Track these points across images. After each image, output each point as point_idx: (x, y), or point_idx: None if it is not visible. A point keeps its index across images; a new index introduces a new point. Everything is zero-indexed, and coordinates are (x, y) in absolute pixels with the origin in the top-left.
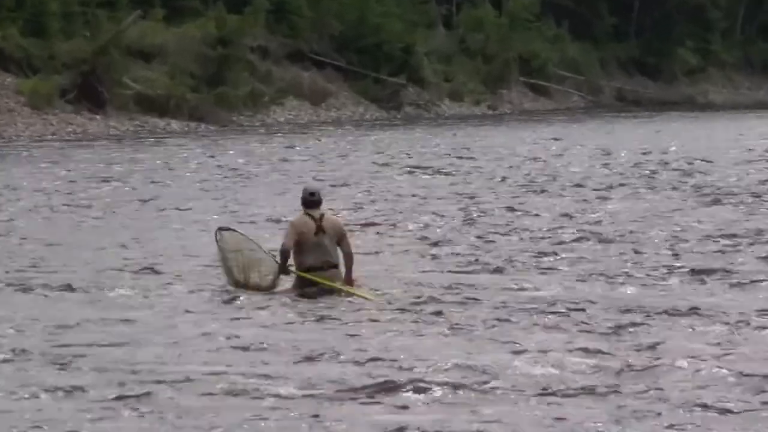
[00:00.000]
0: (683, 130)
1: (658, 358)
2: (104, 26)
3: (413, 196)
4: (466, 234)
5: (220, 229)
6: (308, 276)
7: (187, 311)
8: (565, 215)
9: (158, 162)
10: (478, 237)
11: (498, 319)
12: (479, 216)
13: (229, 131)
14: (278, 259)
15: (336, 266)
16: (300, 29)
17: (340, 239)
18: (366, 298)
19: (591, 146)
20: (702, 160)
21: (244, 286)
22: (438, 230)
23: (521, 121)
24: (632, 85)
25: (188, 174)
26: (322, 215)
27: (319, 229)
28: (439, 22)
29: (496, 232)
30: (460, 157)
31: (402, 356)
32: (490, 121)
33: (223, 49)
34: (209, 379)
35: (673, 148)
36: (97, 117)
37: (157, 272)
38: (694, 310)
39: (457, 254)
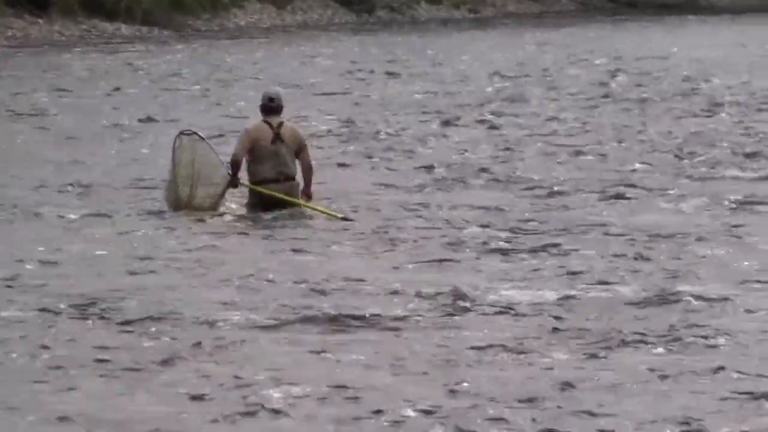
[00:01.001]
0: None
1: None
2: None
3: (380, 106)
4: (432, 148)
5: (182, 133)
6: (261, 189)
7: (120, 234)
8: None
9: (106, 70)
10: (446, 150)
11: (458, 242)
12: (449, 127)
13: (184, 37)
14: (229, 170)
15: (293, 178)
16: None
17: (300, 150)
18: (326, 214)
19: (580, 53)
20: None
21: (186, 206)
22: (402, 141)
23: (506, 26)
24: None
25: (144, 83)
26: (281, 123)
27: (277, 138)
28: None
29: (464, 147)
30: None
31: (359, 283)
32: (470, 25)
33: None
34: (141, 308)
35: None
36: (40, 21)
37: (94, 192)
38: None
39: (424, 169)
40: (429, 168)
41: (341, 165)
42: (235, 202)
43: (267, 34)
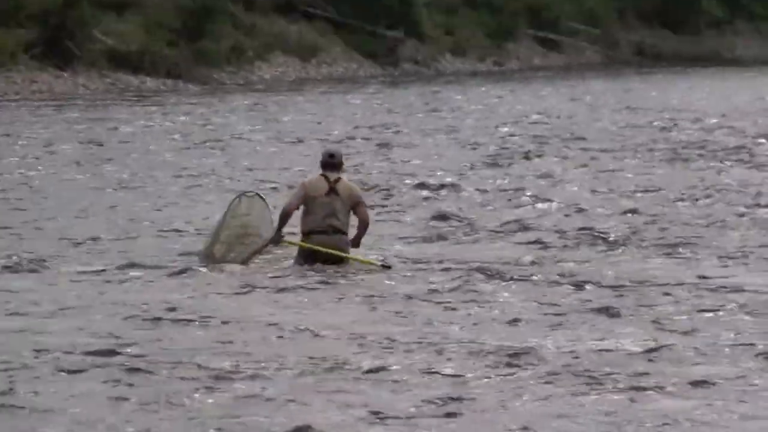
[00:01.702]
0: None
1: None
2: None
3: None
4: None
5: (244, 194)
6: (303, 244)
7: (151, 285)
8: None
9: (136, 123)
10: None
11: (509, 295)
12: (488, 184)
13: (210, 90)
14: (275, 225)
15: (343, 232)
16: None
17: (355, 205)
18: (366, 263)
19: (606, 103)
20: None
21: (217, 261)
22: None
23: (531, 78)
24: (652, 38)
25: (175, 136)
26: (338, 178)
27: (332, 191)
28: None
29: (508, 201)
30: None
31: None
32: (495, 77)
33: None
34: (170, 356)
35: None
36: (65, 74)
37: (127, 245)
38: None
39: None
40: (458, 218)
41: (378, 213)
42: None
43: (298, 86)
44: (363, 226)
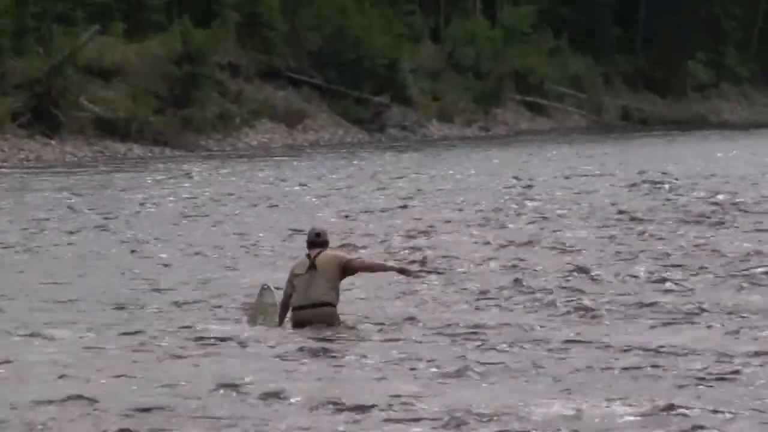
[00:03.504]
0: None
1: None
2: (60, 43)
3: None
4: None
5: (264, 288)
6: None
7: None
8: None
9: (119, 191)
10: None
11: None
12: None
13: (196, 156)
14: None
15: (327, 305)
16: (274, 44)
17: (344, 269)
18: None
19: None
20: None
21: None
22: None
23: (519, 142)
24: (638, 102)
25: (170, 203)
26: (319, 252)
27: (312, 266)
28: (426, 36)
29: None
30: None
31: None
32: (482, 142)
33: (189, 66)
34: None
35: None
36: (52, 142)
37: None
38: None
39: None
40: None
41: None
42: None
43: (280, 153)
44: (373, 267)
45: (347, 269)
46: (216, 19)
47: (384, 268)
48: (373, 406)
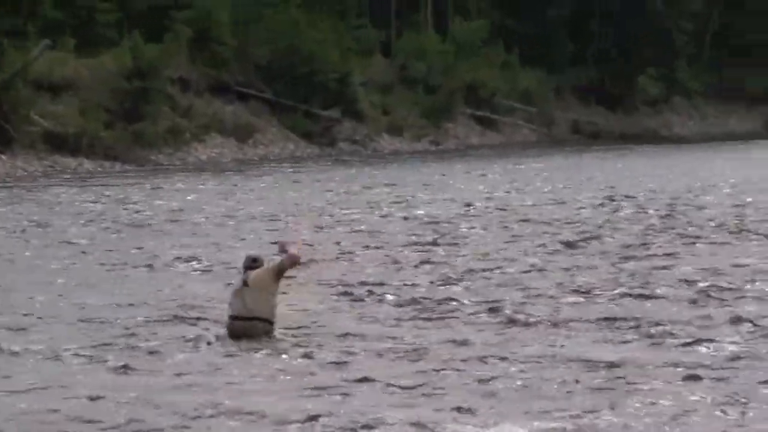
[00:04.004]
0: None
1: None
2: (10, 57)
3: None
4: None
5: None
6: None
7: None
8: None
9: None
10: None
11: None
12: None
13: (148, 171)
14: None
15: (255, 319)
16: (224, 59)
17: (269, 281)
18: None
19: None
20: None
21: None
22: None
23: (470, 157)
24: (589, 116)
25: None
26: (249, 272)
27: (244, 284)
28: (377, 50)
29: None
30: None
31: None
32: (432, 157)
33: (139, 81)
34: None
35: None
36: (3, 157)
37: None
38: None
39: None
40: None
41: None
42: None
43: (231, 168)
44: (288, 262)
45: (278, 276)
46: (167, 34)
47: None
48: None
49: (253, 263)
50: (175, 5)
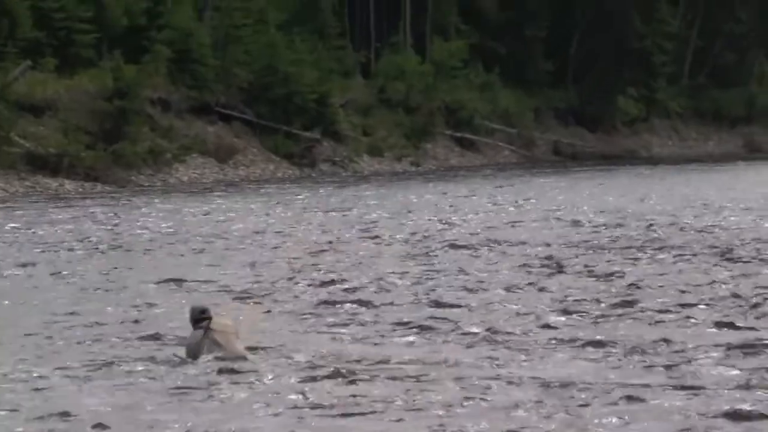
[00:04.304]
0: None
1: None
2: None
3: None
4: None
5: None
6: None
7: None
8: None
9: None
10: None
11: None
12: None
13: (127, 192)
14: None
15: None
16: (204, 79)
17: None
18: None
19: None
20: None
21: None
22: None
23: (448, 178)
24: (569, 136)
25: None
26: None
27: (206, 331)
28: (356, 71)
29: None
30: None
31: None
32: (412, 178)
33: (120, 102)
34: None
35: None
36: None
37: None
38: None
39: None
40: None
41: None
42: None
43: (210, 189)
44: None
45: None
46: (146, 54)
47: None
48: None
49: (201, 314)
50: (154, 26)
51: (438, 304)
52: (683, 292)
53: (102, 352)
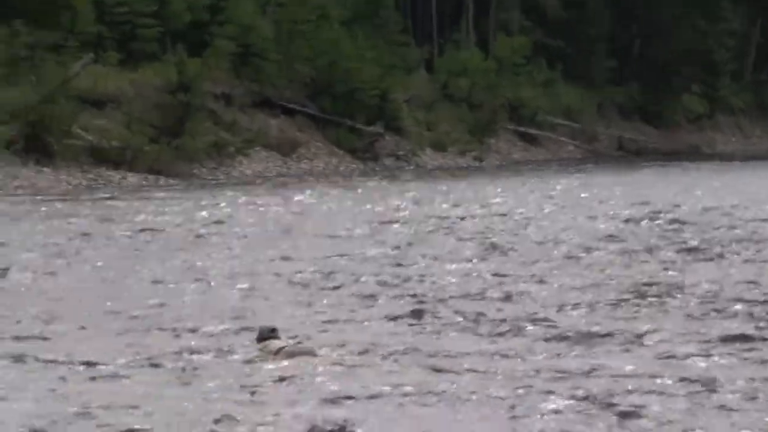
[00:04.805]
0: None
1: None
2: (52, 71)
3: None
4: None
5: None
6: None
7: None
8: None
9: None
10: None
11: None
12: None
13: (192, 185)
14: None
15: None
16: (267, 74)
17: None
18: None
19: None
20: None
21: None
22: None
23: (512, 172)
24: (632, 133)
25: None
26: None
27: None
28: (420, 66)
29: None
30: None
31: None
32: (475, 172)
33: (183, 95)
34: None
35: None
36: (45, 170)
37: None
38: None
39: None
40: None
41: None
42: None
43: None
44: None
45: None
46: (208, 48)
47: None
48: None
49: (271, 334)
50: (217, 20)
51: None
52: None
53: None
